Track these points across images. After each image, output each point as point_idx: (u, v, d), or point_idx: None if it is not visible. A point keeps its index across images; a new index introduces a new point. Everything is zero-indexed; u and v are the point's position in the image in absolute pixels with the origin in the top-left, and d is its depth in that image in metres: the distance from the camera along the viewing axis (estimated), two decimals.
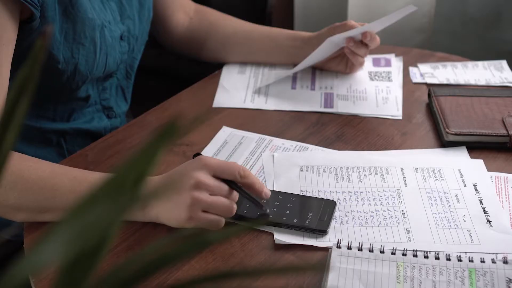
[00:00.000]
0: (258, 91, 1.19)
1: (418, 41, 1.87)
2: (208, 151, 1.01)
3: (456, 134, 1.00)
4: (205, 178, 0.78)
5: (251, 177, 0.82)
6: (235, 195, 0.81)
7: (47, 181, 0.83)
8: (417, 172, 0.94)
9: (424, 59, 1.30)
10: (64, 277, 0.31)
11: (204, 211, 0.78)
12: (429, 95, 1.13)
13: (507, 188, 0.91)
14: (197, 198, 0.77)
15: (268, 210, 0.85)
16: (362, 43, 1.14)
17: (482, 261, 0.75)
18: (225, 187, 0.80)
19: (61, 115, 1.09)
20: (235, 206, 0.80)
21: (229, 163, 0.81)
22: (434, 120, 1.09)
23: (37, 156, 1.08)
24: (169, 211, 0.79)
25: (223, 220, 0.80)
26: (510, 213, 0.87)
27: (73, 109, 1.10)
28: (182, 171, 0.81)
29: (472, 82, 1.21)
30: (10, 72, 0.90)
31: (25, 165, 0.84)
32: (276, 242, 0.82)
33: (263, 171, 0.96)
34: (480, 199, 0.89)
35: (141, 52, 1.19)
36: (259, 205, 0.83)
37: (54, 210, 0.83)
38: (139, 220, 0.83)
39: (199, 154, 0.88)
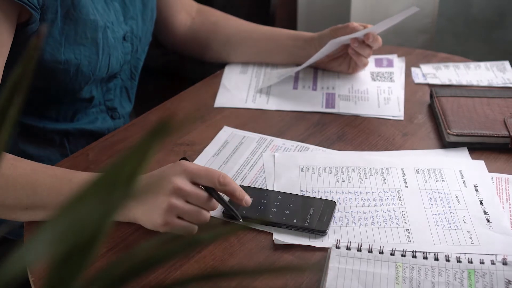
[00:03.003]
0: (259, 91, 1.19)
1: (421, 41, 1.87)
2: (209, 151, 1.01)
3: (457, 135, 1.00)
4: (184, 184, 0.78)
5: (232, 185, 0.80)
6: (214, 203, 0.80)
7: (28, 179, 0.83)
8: (417, 172, 0.94)
9: (427, 60, 1.30)
10: (55, 274, 0.31)
11: (180, 217, 0.78)
12: (431, 95, 1.13)
13: (508, 189, 0.91)
14: (173, 205, 0.77)
15: (241, 220, 0.85)
16: (365, 43, 1.14)
17: (482, 262, 0.75)
18: (203, 194, 0.79)
19: (64, 115, 1.09)
20: (208, 215, 0.80)
21: (209, 170, 0.80)
22: (435, 121, 1.08)
23: (40, 156, 1.08)
24: (146, 214, 0.79)
25: (196, 227, 0.79)
26: (510, 215, 0.86)
27: (76, 110, 1.10)
28: (162, 174, 0.80)
29: (474, 83, 1.21)
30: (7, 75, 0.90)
31: (5, 163, 0.83)
32: (276, 242, 0.81)
33: (264, 171, 0.96)
34: (480, 200, 0.89)
35: (145, 53, 1.19)
36: (236, 216, 0.83)
37: (35, 208, 0.82)
38: (118, 220, 0.83)
39: (185, 158, 0.85)
